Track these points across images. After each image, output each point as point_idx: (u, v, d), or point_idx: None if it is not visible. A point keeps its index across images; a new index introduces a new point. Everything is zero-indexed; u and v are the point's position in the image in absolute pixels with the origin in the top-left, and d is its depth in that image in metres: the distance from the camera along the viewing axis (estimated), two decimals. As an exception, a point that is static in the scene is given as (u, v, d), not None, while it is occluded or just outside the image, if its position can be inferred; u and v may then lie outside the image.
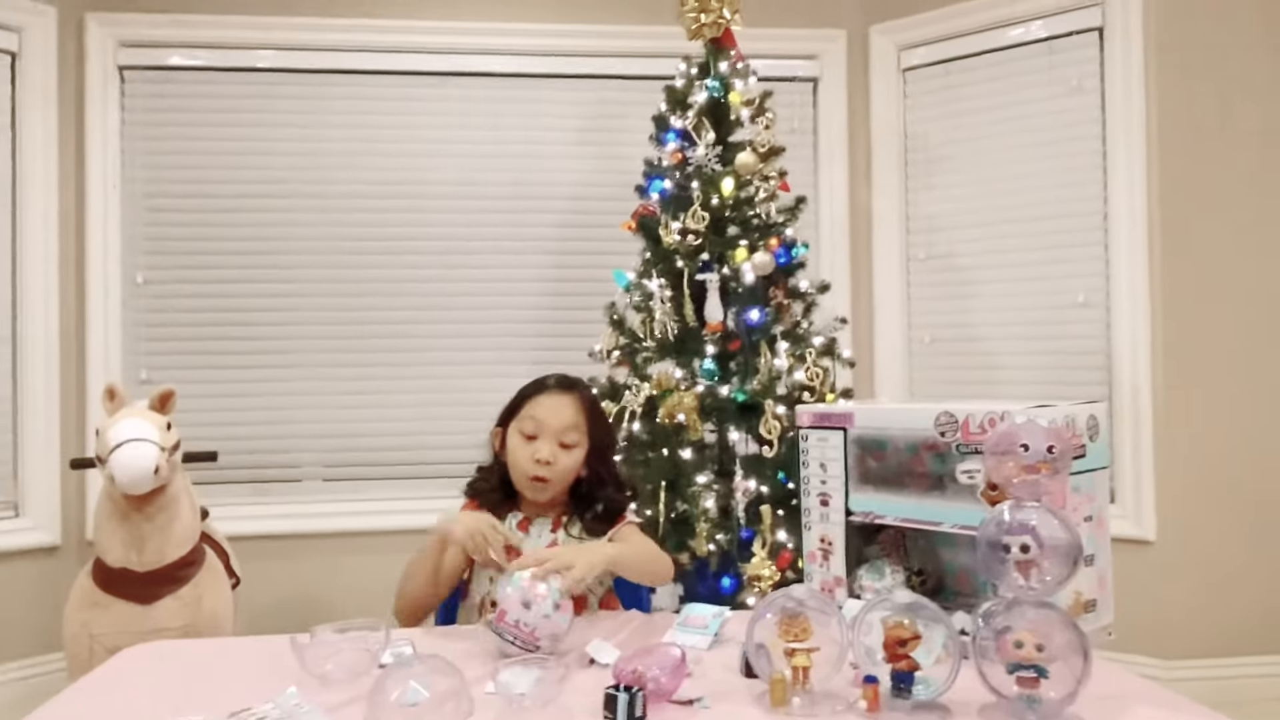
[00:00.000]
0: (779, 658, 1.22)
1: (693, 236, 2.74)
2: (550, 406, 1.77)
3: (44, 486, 3.24)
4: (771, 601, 1.24)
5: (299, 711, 1.16)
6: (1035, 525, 1.18)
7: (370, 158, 3.52)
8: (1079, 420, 1.44)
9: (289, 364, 3.48)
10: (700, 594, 2.52)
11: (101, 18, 3.37)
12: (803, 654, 1.21)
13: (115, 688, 1.35)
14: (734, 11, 2.87)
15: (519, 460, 1.75)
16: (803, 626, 1.21)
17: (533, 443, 1.74)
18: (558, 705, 1.21)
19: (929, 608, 1.19)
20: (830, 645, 1.22)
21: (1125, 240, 3.11)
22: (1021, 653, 1.14)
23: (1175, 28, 3.06)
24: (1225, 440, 3.03)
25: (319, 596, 3.37)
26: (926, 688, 1.18)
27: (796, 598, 1.23)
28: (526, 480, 1.75)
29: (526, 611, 1.39)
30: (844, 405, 1.77)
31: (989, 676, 1.18)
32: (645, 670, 1.21)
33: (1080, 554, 1.18)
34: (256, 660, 1.44)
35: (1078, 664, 1.13)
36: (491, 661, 1.35)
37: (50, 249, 3.28)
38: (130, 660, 1.48)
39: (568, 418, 1.76)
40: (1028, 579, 1.17)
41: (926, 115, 3.55)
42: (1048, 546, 1.17)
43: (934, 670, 1.18)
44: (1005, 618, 1.16)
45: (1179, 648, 3.00)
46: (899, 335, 3.59)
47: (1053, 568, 1.17)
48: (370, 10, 3.49)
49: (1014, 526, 1.19)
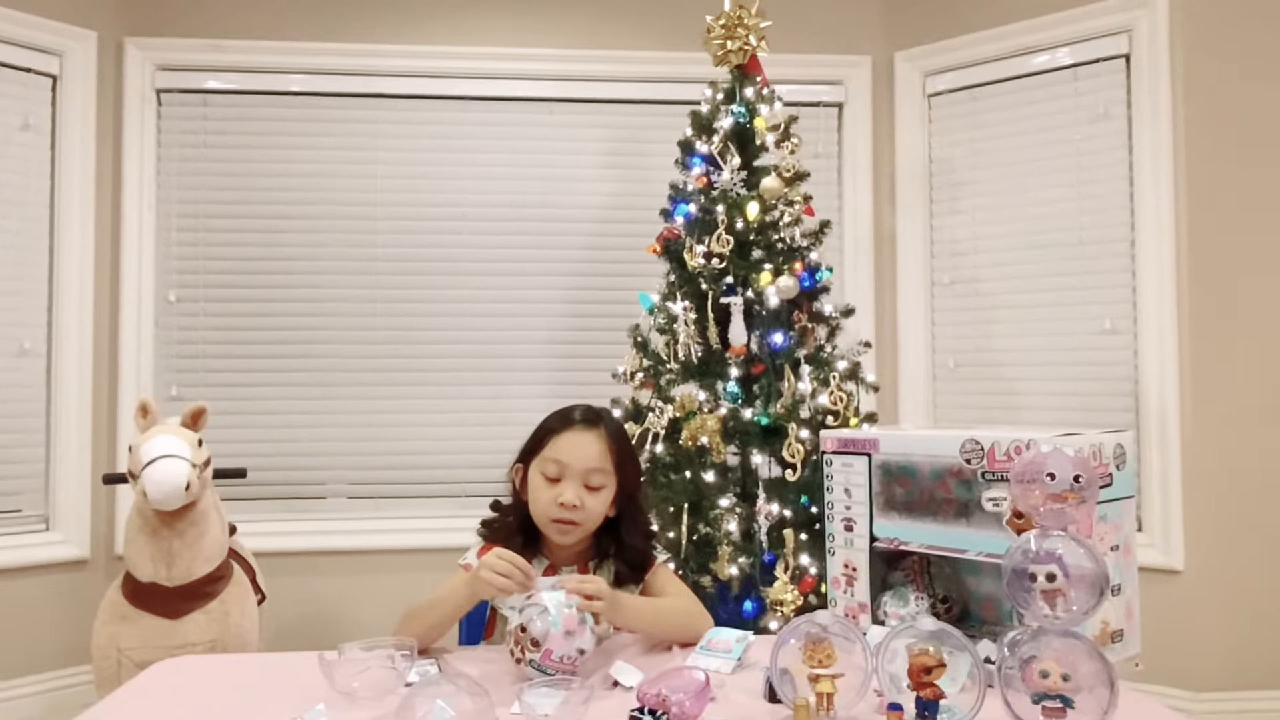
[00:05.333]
0: (803, 683, 1.22)
1: (717, 260, 2.75)
2: (574, 446, 1.65)
3: (74, 501, 3.28)
4: (796, 626, 1.24)
5: (327, 728, 1.17)
6: (1061, 554, 1.17)
7: (399, 180, 3.58)
8: (1106, 449, 1.43)
9: (317, 382, 3.52)
10: (722, 618, 2.48)
11: (140, 42, 3.45)
12: (827, 680, 1.20)
13: (145, 702, 1.37)
14: (760, 39, 2.89)
15: (541, 503, 1.64)
16: (827, 652, 1.21)
17: (556, 485, 1.63)
18: (582, 727, 1.21)
19: (954, 635, 1.19)
20: (855, 671, 1.22)
21: (1153, 266, 3.09)
22: (1047, 682, 1.13)
23: (1202, 55, 3.05)
24: (1255, 468, 2.99)
25: (343, 613, 3.39)
26: (951, 716, 1.17)
27: (821, 623, 1.23)
28: (550, 524, 1.65)
29: (568, 644, 1.37)
30: (869, 431, 1.77)
31: (1014, 705, 1.16)
32: (669, 694, 1.20)
33: (1107, 583, 1.17)
34: (284, 677, 1.45)
35: (1104, 695, 1.12)
36: (516, 682, 1.36)
37: (86, 267, 3.34)
38: (160, 675, 1.49)
39: (593, 459, 1.64)
40: (1054, 608, 1.16)
41: (951, 140, 3.56)
42: (1074, 575, 1.16)
43: (959, 699, 1.17)
44: (1031, 646, 1.15)
45: (1209, 680, 2.96)
46: (923, 360, 3.58)
47: (1079, 597, 1.16)
48: (400, 36, 3.55)
49: (1040, 555, 1.18)
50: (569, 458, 1.64)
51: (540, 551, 1.71)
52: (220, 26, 3.49)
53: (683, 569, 2.55)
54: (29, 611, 3.18)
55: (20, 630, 3.16)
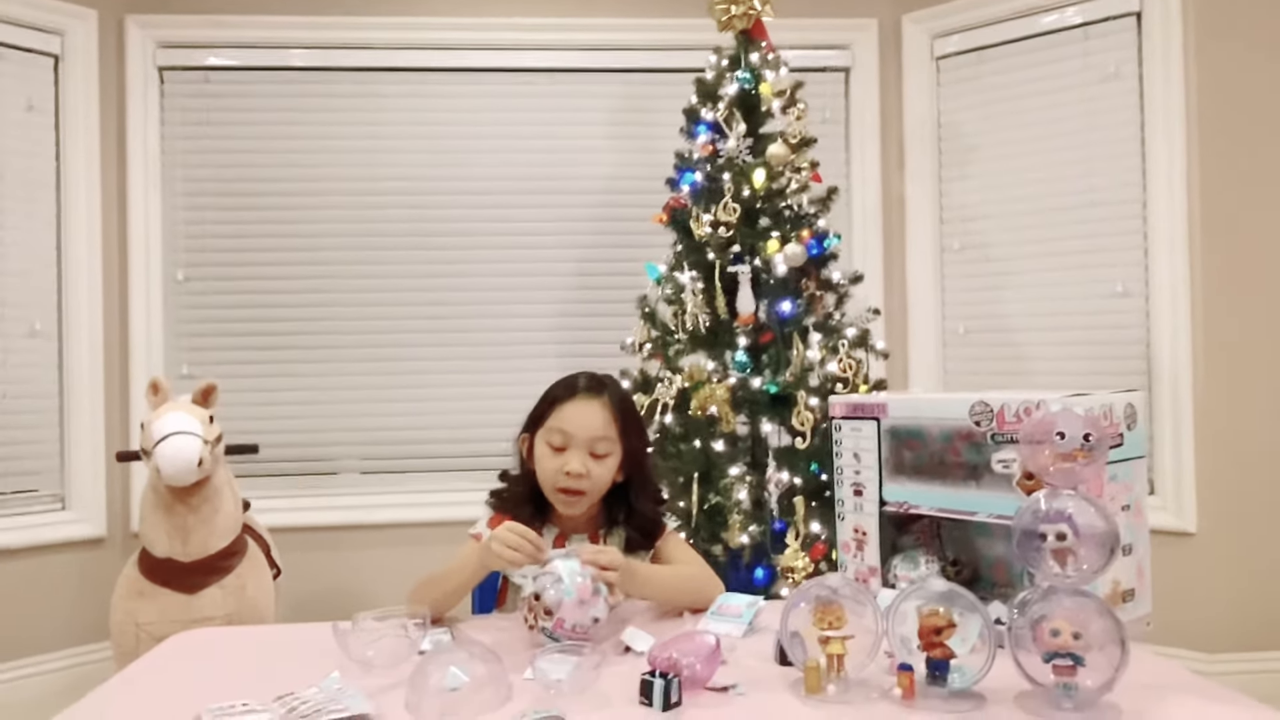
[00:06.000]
0: (813, 645, 1.22)
1: (724, 229, 2.75)
2: (578, 415, 1.64)
3: (89, 479, 3.31)
4: (806, 590, 1.25)
5: (342, 695, 1.17)
6: (1072, 513, 1.17)
7: (403, 154, 3.57)
8: (1116, 409, 1.43)
9: (327, 359, 3.54)
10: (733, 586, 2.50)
11: (141, 20, 3.43)
12: (837, 642, 1.21)
13: (164, 674, 1.38)
14: (764, 3, 2.86)
15: (548, 472, 1.64)
16: (837, 615, 1.22)
17: (561, 454, 1.63)
18: (594, 691, 1.22)
19: (965, 596, 1.19)
20: (865, 633, 1.22)
21: (1165, 229, 3.07)
22: (1058, 641, 1.13)
23: (1216, 11, 3.01)
24: (1268, 432, 2.98)
25: (356, 585, 3.42)
26: (962, 676, 1.18)
27: (831, 586, 1.23)
28: (557, 493, 1.65)
29: (582, 613, 1.38)
30: (878, 395, 1.76)
31: (1025, 665, 1.17)
32: (680, 657, 1.21)
33: (1117, 542, 1.17)
34: (300, 647, 1.46)
35: (1115, 653, 1.12)
36: (529, 649, 1.37)
37: (93, 247, 3.35)
38: (177, 647, 1.51)
39: (597, 426, 1.64)
40: (1064, 567, 1.17)
41: (960, 104, 3.53)
42: (1084, 535, 1.16)
43: (969, 659, 1.17)
44: (1042, 606, 1.16)
45: (1221, 641, 2.97)
46: (933, 326, 3.57)
47: (1089, 556, 1.16)
48: (404, 8, 3.52)
49: (1050, 514, 1.18)
50: (574, 427, 1.64)
51: (550, 520, 1.72)
52: (221, 2, 3.47)
53: (694, 538, 2.57)
54: (48, 590, 3.22)
55: (40, 608, 3.20)
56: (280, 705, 1.16)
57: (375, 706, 1.16)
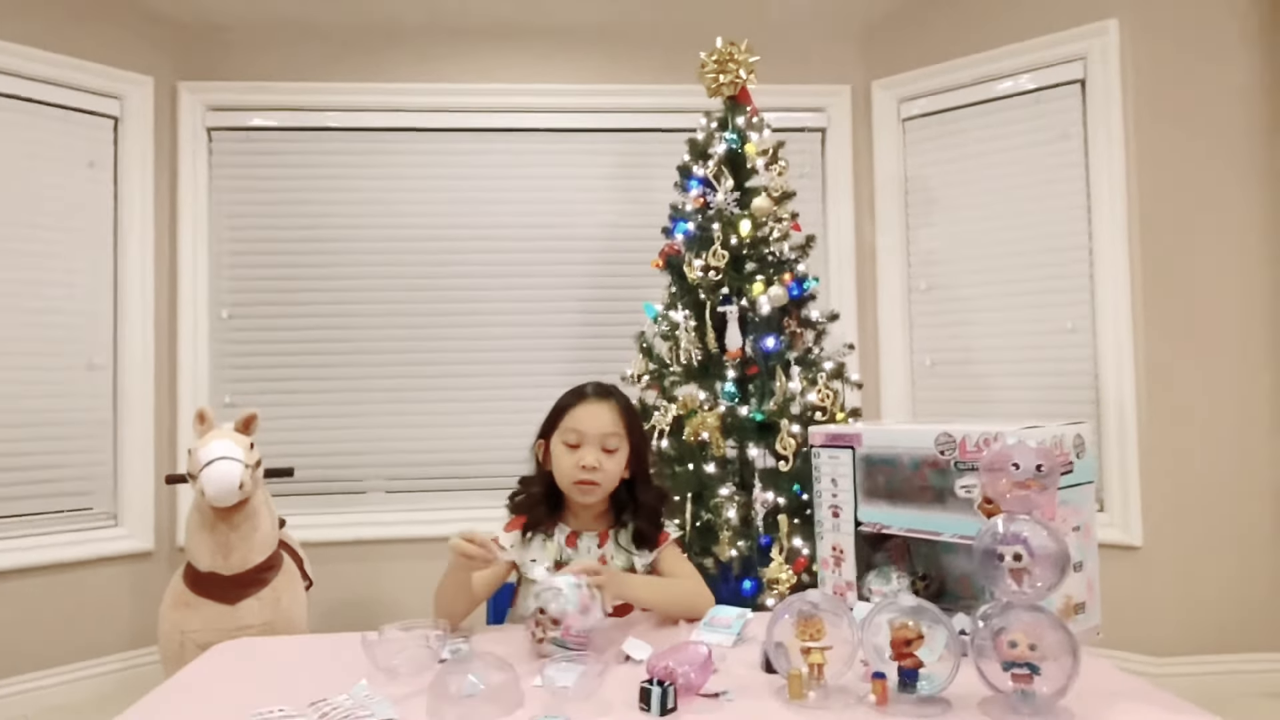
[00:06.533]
0: (796, 655, 1.22)
1: (714, 272, 2.76)
2: (590, 415, 1.68)
3: (140, 499, 3.31)
4: (789, 604, 1.25)
5: (370, 702, 1.17)
6: (1026, 536, 1.17)
7: (424, 205, 3.59)
8: (1066, 440, 1.44)
9: (355, 389, 3.54)
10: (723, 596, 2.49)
11: (192, 85, 3.47)
12: (817, 652, 1.21)
13: (211, 680, 1.38)
14: (749, 72, 2.90)
15: (565, 468, 1.67)
16: (817, 627, 1.22)
17: (576, 451, 1.66)
18: (598, 698, 1.22)
19: (931, 610, 1.19)
20: (842, 644, 1.22)
21: (1109, 272, 3.09)
22: (1016, 651, 1.14)
23: (1151, 80, 3.05)
24: (1205, 453, 2.99)
25: (382, 595, 3.40)
26: (930, 683, 1.18)
27: (811, 601, 1.24)
28: (574, 485, 1.67)
29: (584, 619, 1.39)
30: (853, 426, 1.77)
31: (987, 673, 1.17)
32: (676, 666, 1.21)
33: (1068, 562, 1.18)
34: (331, 656, 1.46)
35: (1068, 662, 1.12)
36: (538, 658, 1.37)
37: (147, 287, 3.36)
38: (221, 655, 1.51)
39: (607, 424, 1.68)
40: (1020, 585, 1.17)
41: (925, 160, 3.56)
42: (1038, 555, 1.17)
43: (937, 667, 1.18)
44: (1001, 619, 1.16)
45: (1166, 645, 2.95)
46: (902, 360, 3.58)
47: (1043, 574, 1.17)
48: (424, 75, 3.57)
49: (1007, 537, 1.18)
50: (586, 426, 1.67)
51: (562, 519, 1.73)
52: (264, 70, 3.51)
53: (687, 552, 2.53)
54: (100, 599, 3.20)
55: (93, 616, 3.18)
56: (314, 711, 1.16)
57: (401, 712, 1.16)
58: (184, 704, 1.28)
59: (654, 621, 1.63)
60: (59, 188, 3.21)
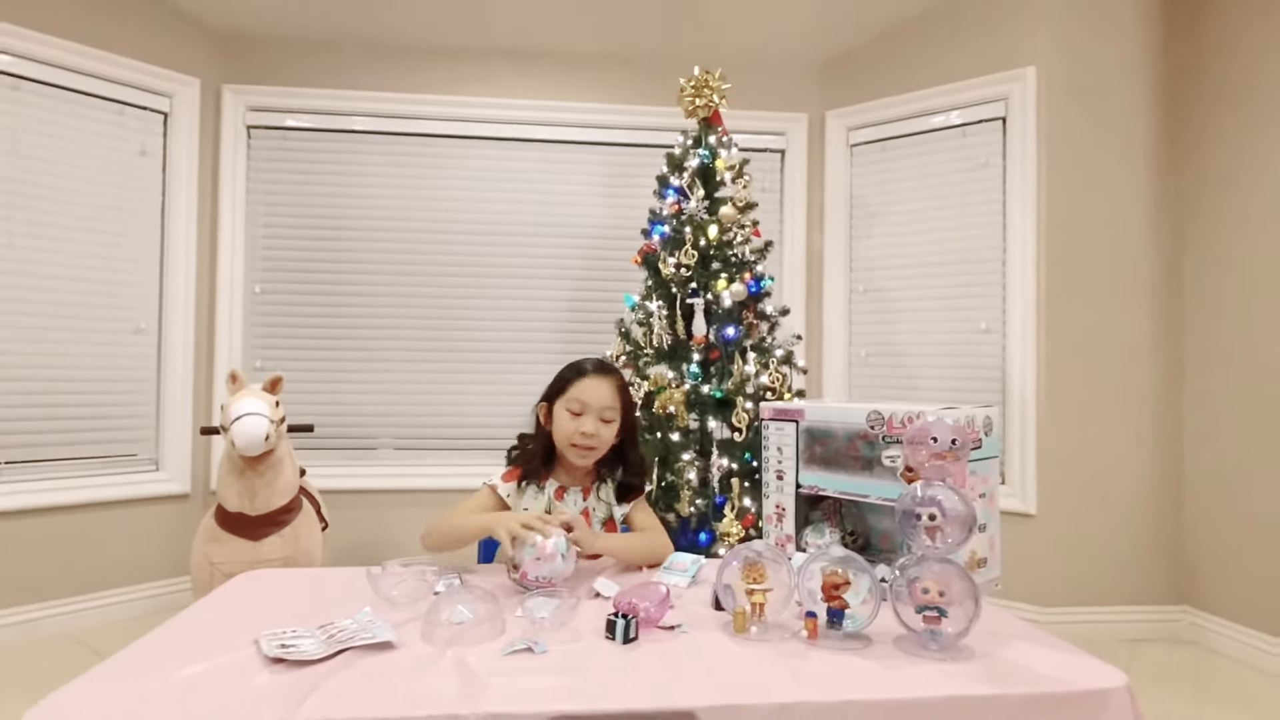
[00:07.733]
0: (741, 596, 1.23)
1: (685, 269, 2.75)
2: (593, 389, 1.66)
3: (178, 448, 3.25)
4: (737, 553, 1.25)
5: (372, 626, 1.16)
6: (941, 500, 1.18)
7: (435, 200, 3.53)
8: (977, 420, 1.45)
9: (370, 358, 3.49)
10: (682, 545, 2.51)
11: (234, 88, 3.39)
12: (760, 593, 1.21)
13: (232, 604, 1.36)
14: (721, 97, 2.87)
15: (565, 432, 1.65)
16: (760, 572, 1.22)
17: (578, 419, 1.64)
18: (570, 627, 1.22)
19: (858, 560, 1.20)
20: (781, 587, 1.22)
21: (1019, 282, 3.11)
22: (927, 597, 1.15)
23: (1062, 120, 3.06)
24: (1091, 438, 3.03)
25: (389, 538, 3.38)
26: (854, 622, 1.19)
27: (756, 550, 1.24)
28: (572, 448, 1.65)
29: (540, 567, 1.37)
30: (797, 403, 1.77)
31: (902, 615, 1.18)
32: (638, 602, 1.21)
33: (975, 522, 1.19)
34: (339, 586, 1.44)
35: (971, 607, 1.14)
36: (521, 592, 1.36)
37: (189, 263, 3.29)
38: (244, 583, 1.49)
39: (607, 399, 1.66)
40: (934, 540, 1.18)
41: (868, 181, 3.56)
42: (950, 516, 1.18)
43: (860, 609, 1.19)
44: (916, 570, 1.17)
45: (1053, 597, 3.00)
46: (842, 350, 3.59)
47: (953, 532, 1.17)
48: (439, 88, 3.51)
49: (924, 500, 1.19)
50: (589, 398, 1.65)
51: (553, 473, 1.72)
52: (299, 77, 3.43)
53: (653, 508, 2.54)
54: (143, 534, 3.15)
55: (135, 549, 3.13)
56: (322, 632, 1.15)
57: (398, 635, 1.15)
58: (207, 624, 1.25)
59: (620, 565, 1.63)
60: (114, 173, 3.12)
